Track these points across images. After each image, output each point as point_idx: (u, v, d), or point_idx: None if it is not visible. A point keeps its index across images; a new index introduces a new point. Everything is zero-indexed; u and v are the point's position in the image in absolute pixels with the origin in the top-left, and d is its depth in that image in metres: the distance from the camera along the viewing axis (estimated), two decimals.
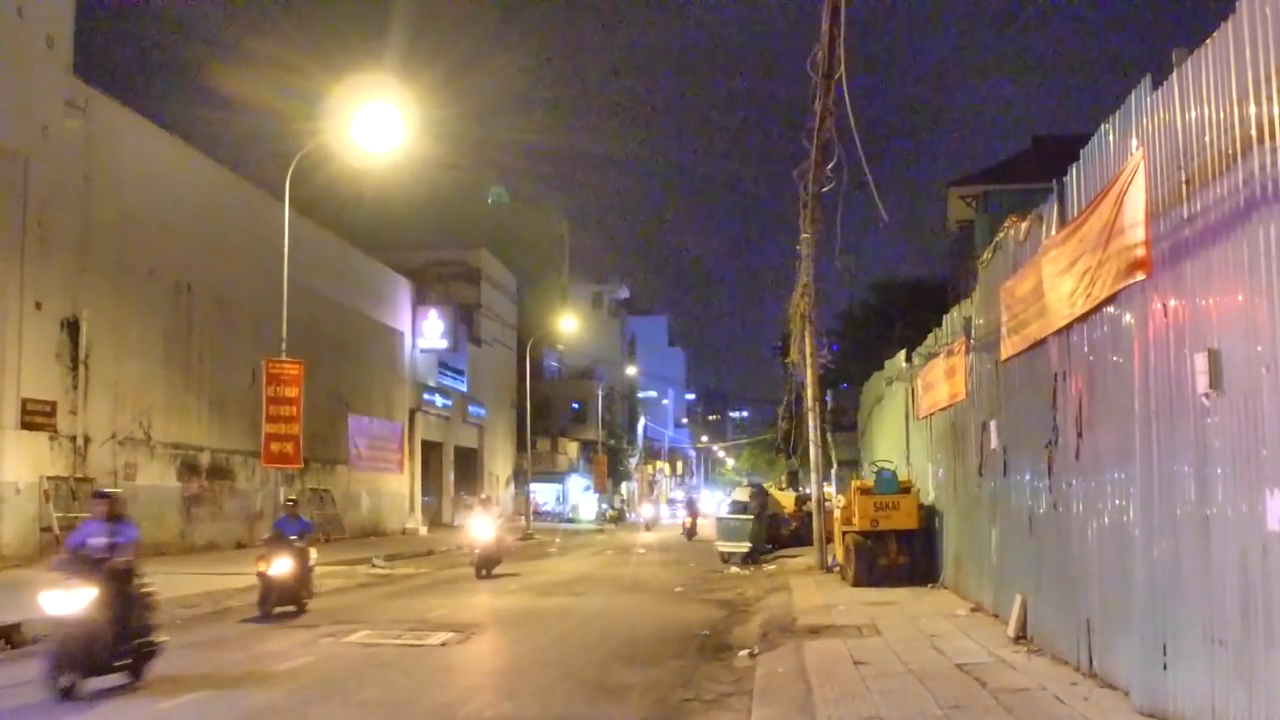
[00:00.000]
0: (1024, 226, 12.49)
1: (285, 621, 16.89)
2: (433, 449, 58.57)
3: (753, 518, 30.87)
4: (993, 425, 14.52)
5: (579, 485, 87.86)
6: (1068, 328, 10.65)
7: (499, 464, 72.24)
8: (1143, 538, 8.72)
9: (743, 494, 34.30)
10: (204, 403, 33.82)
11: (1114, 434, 9.48)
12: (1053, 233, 11.04)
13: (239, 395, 34.23)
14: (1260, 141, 6.70)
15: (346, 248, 48.66)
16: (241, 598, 20.35)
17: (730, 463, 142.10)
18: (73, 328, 27.42)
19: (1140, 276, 8.49)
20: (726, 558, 30.32)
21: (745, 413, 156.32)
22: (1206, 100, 7.47)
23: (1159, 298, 8.30)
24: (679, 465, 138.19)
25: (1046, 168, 11.19)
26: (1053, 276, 10.79)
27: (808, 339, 25.73)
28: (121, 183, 29.41)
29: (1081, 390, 10.38)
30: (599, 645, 14.68)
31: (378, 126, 26.72)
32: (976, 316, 15.81)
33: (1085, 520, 10.36)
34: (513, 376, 70.86)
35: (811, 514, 26.83)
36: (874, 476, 21.76)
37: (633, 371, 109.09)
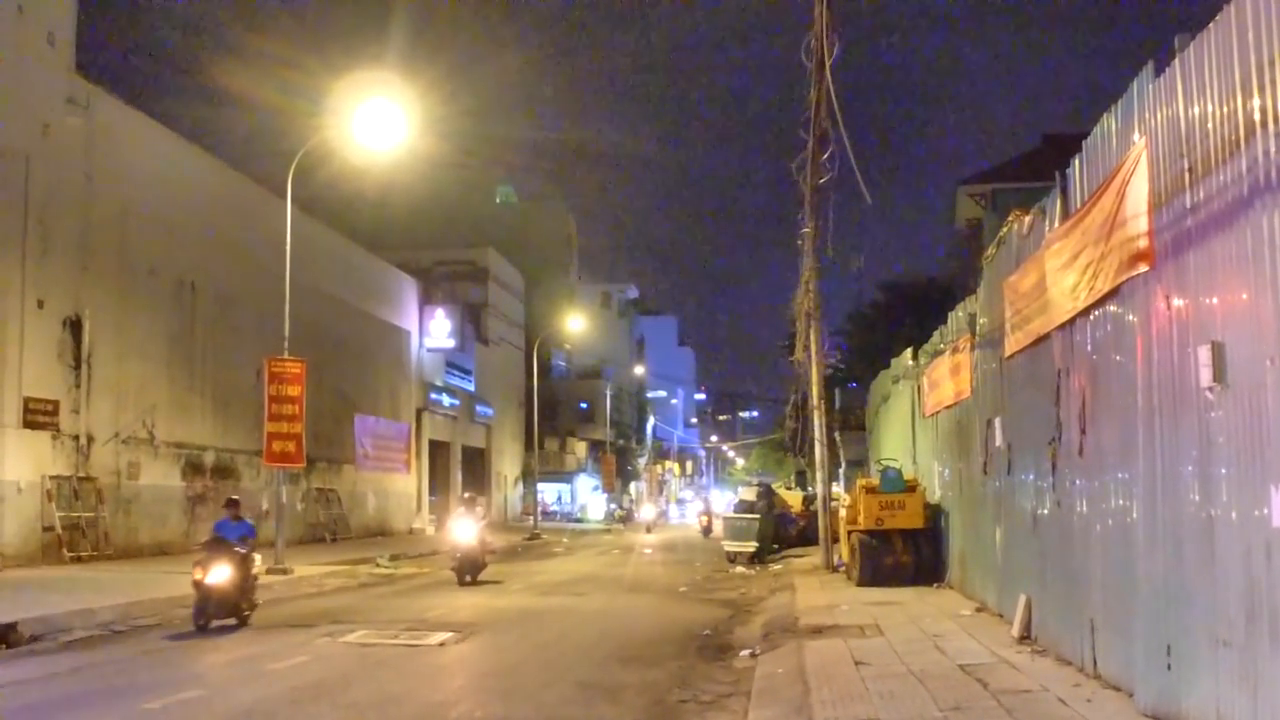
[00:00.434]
0: (1027, 221, 12.32)
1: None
2: (440, 449, 58.45)
3: (759, 517, 30.75)
4: (997, 423, 14.35)
5: (587, 485, 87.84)
6: (1070, 322, 10.47)
7: (507, 464, 72.14)
8: (1146, 537, 8.54)
9: (749, 493, 34.23)
10: (208, 402, 33.72)
11: (1117, 431, 9.30)
12: (1055, 226, 10.86)
13: (243, 394, 34.09)
14: (1264, 126, 6.51)
15: (353, 247, 48.58)
16: None
17: (740, 462, 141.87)
18: (75, 326, 27.31)
19: (1143, 268, 8.30)
20: (733, 557, 30.20)
21: (755, 413, 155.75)
22: (1209, 86, 7.28)
23: (1162, 290, 8.11)
24: (688, 465, 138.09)
25: (1056, 166, 10.99)
26: (1055, 270, 10.61)
27: (813, 337, 25.54)
28: (124, 181, 29.28)
29: (1084, 386, 10.20)
30: (598, 645, 14.52)
31: (380, 123, 26.63)
32: (981, 313, 15.64)
33: (1089, 519, 10.18)
34: (521, 376, 70.75)
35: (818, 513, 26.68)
36: (879, 475, 21.59)
37: (641, 371, 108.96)
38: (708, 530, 50.35)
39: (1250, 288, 6.76)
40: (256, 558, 17.13)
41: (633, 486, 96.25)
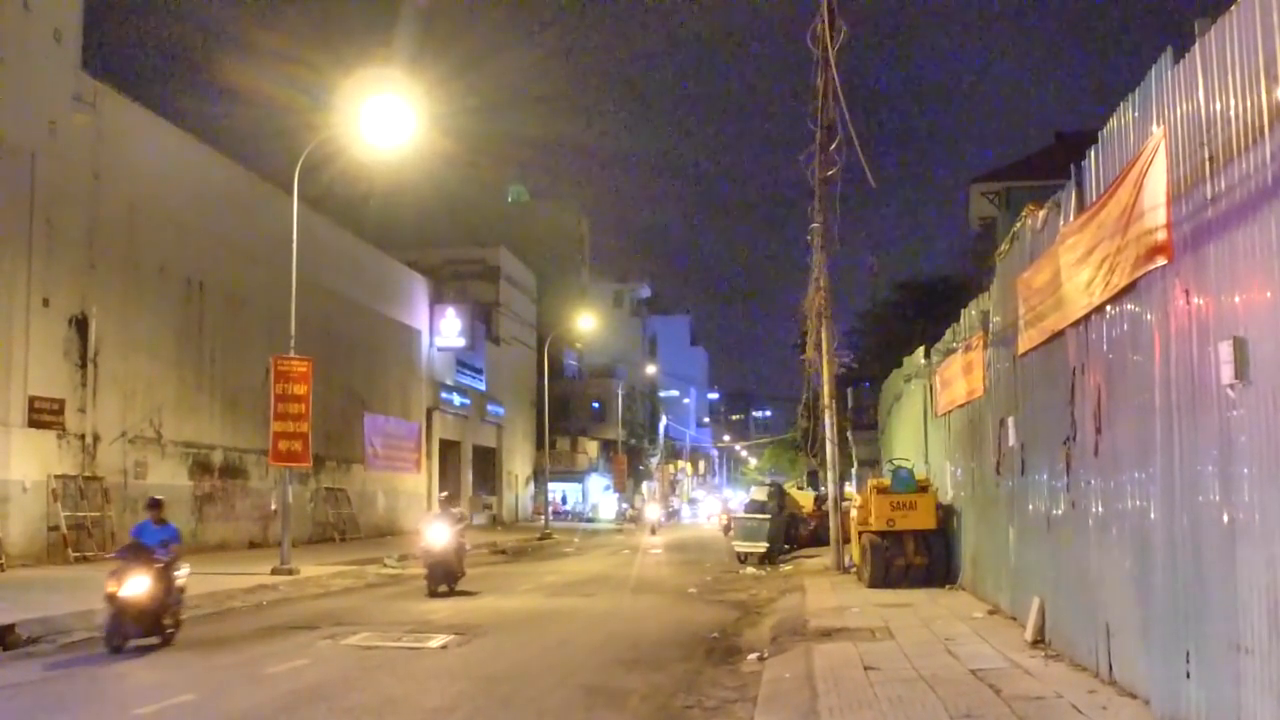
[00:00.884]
0: (1041, 215, 12.06)
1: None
2: (450, 448, 58.33)
3: (770, 517, 30.51)
4: (1010, 422, 14.08)
5: (599, 484, 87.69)
6: (1085, 319, 10.20)
7: (518, 463, 71.99)
8: (1163, 539, 8.27)
9: (761, 493, 33.99)
10: (216, 401, 33.58)
11: (1134, 430, 9.03)
12: (1070, 220, 10.59)
13: (252, 393, 33.91)
14: None
15: (362, 245, 48.42)
16: (245, 598, 20.13)
17: (753, 462, 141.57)
18: (81, 325, 27.20)
19: (1161, 262, 8.03)
20: (743, 558, 29.98)
21: (768, 412, 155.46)
22: (1230, 72, 7.00)
23: (1181, 284, 7.83)
24: (701, 465, 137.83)
25: (1069, 163, 10.74)
26: (1070, 265, 10.35)
27: (824, 335, 25.26)
28: (131, 178, 29.17)
29: (1100, 384, 9.92)
30: (603, 648, 14.28)
31: (389, 120, 26.42)
32: (994, 310, 15.39)
33: (1104, 520, 9.91)
34: (532, 375, 70.59)
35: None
36: (891, 475, 21.33)
37: (653, 370, 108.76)
38: (728, 529, 49.60)
39: (1274, 280, 6.48)
40: (183, 568, 14.84)
41: (645, 486, 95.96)
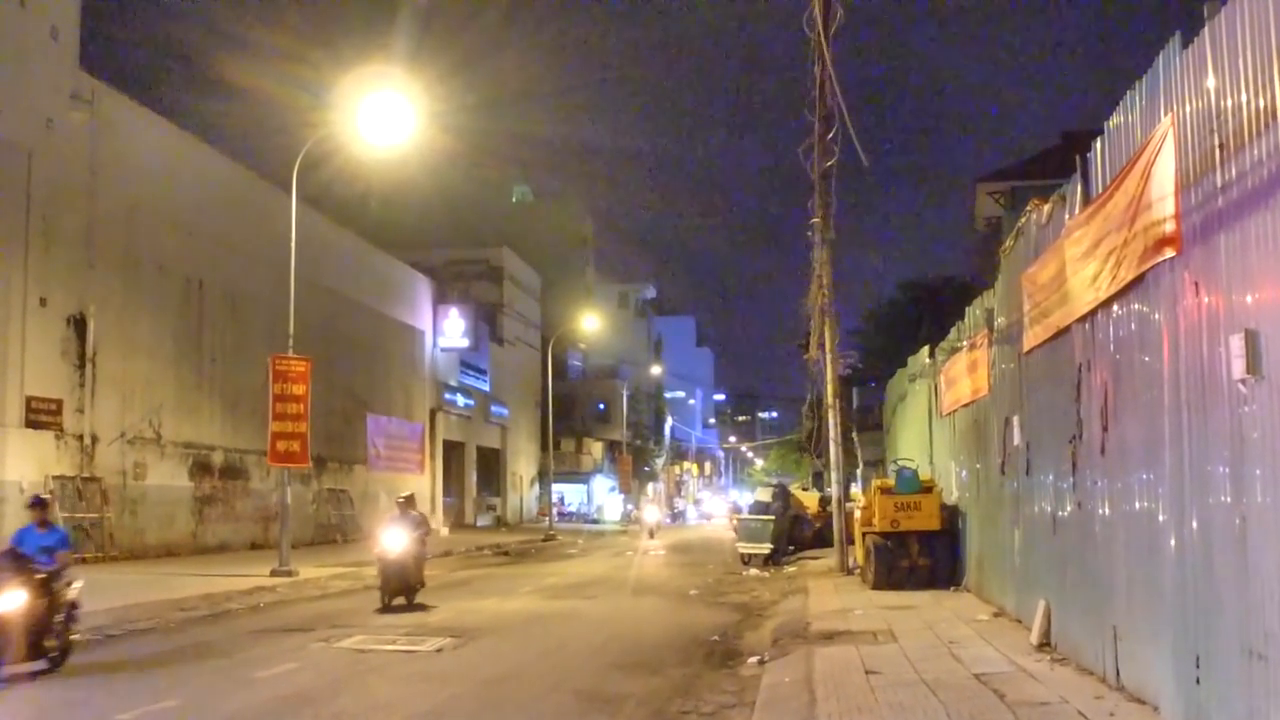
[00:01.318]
0: (1046, 209, 11.80)
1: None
2: (454, 449, 58.15)
3: (774, 518, 30.28)
4: (1015, 421, 13.83)
5: (604, 486, 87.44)
6: (1091, 314, 9.93)
7: (522, 464, 71.81)
8: (1172, 540, 8.00)
9: (765, 494, 33.76)
10: (216, 401, 33.38)
11: (1141, 427, 8.76)
12: (1076, 213, 10.33)
13: (252, 394, 33.66)
14: None
15: (364, 245, 48.22)
16: (241, 600, 19.93)
17: (759, 463, 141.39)
18: (79, 324, 27.03)
19: (1169, 254, 7.77)
20: (747, 559, 29.74)
21: (775, 414, 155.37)
22: (1241, 55, 6.74)
23: (1190, 276, 7.56)
24: (707, 466, 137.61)
25: (1075, 163, 10.50)
26: (1075, 260, 10.09)
27: (827, 333, 24.99)
28: (128, 177, 29.01)
29: (1106, 381, 9.66)
30: (601, 652, 14.06)
31: (389, 117, 26.18)
32: (999, 308, 15.14)
33: (1111, 521, 9.65)
34: (537, 376, 70.33)
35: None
36: (895, 476, 21.09)
37: (659, 371, 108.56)
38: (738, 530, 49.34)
39: None
40: (75, 579, 12.65)
41: (650, 487, 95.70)
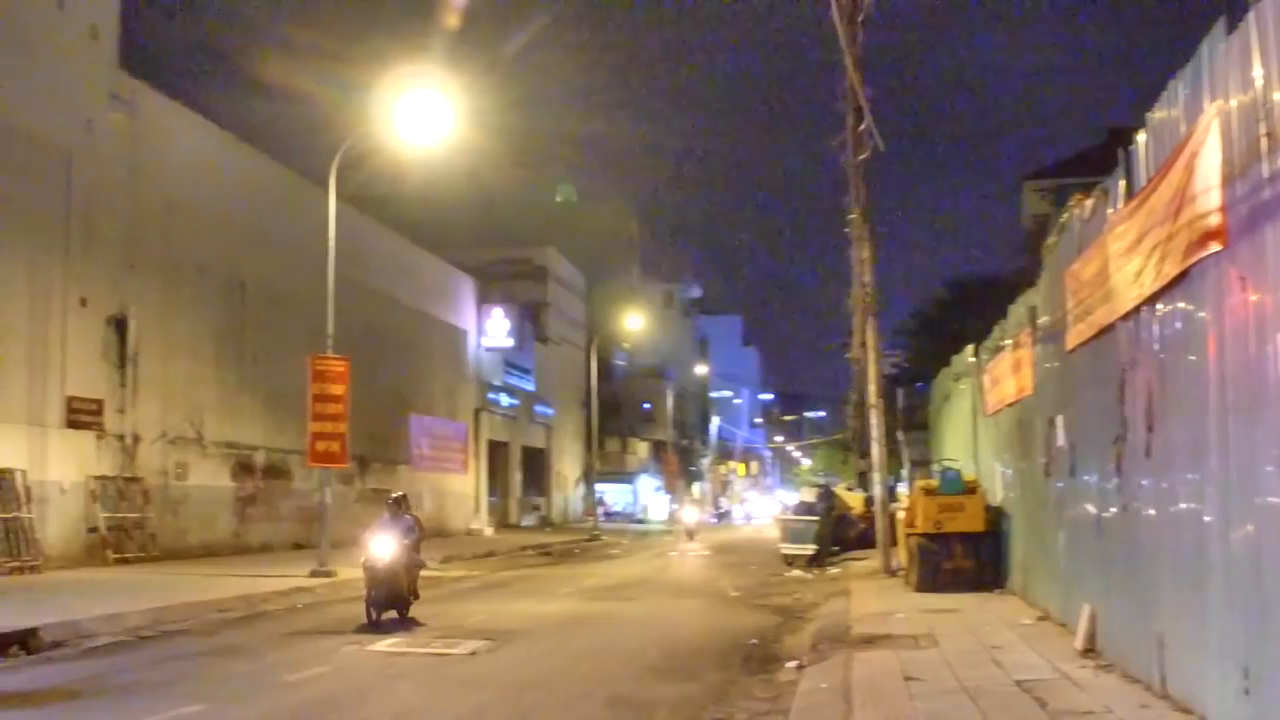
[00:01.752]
0: (1089, 204, 11.50)
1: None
2: (499, 449, 58.18)
3: (818, 519, 30.02)
4: (1059, 421, 13.53)
5: (649, 486, 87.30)
6: (1135, 311, 9.63)
7: (567, 464, 71.79)
8: (1220, 544, 7.70)
9: (809, 494, 33.60)
10: (258, 401, 33.44)
11: (1188, 428, 8.46)
12: (1119, 207, 10.04)
13: (295, 394, 33.46)
14: None
15: (407, 245, 48.26)
16: (279, 601, 19.88)
17: (806, 463, 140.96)
18: (120, 325, 27.10)
19: (1214, 248, 7.48)
20: (790, 560, 29.49)
21: (822, 413, 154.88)
22: None
23: (1236, 271, 7.26)
24: (753, 466, 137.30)
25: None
26: (1119, 255, 9.79)
27: (869, 331, 24.70)
28: (169, 177, 29.08)
29: (1151, 380, 9.36)
30: (637, 656, 13.84)
31: (428, 115, 26.03)
32: (1042, 305, 14.83)
33: (1157, 524, 9.34)
34: (581, 376, 70.27)
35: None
36: (938, 476, 20.78)
37: (704, 371, 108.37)
38: None
39: None
40: None
41: (696, 487, 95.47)
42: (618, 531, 57.50)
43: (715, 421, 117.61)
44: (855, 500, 37.56)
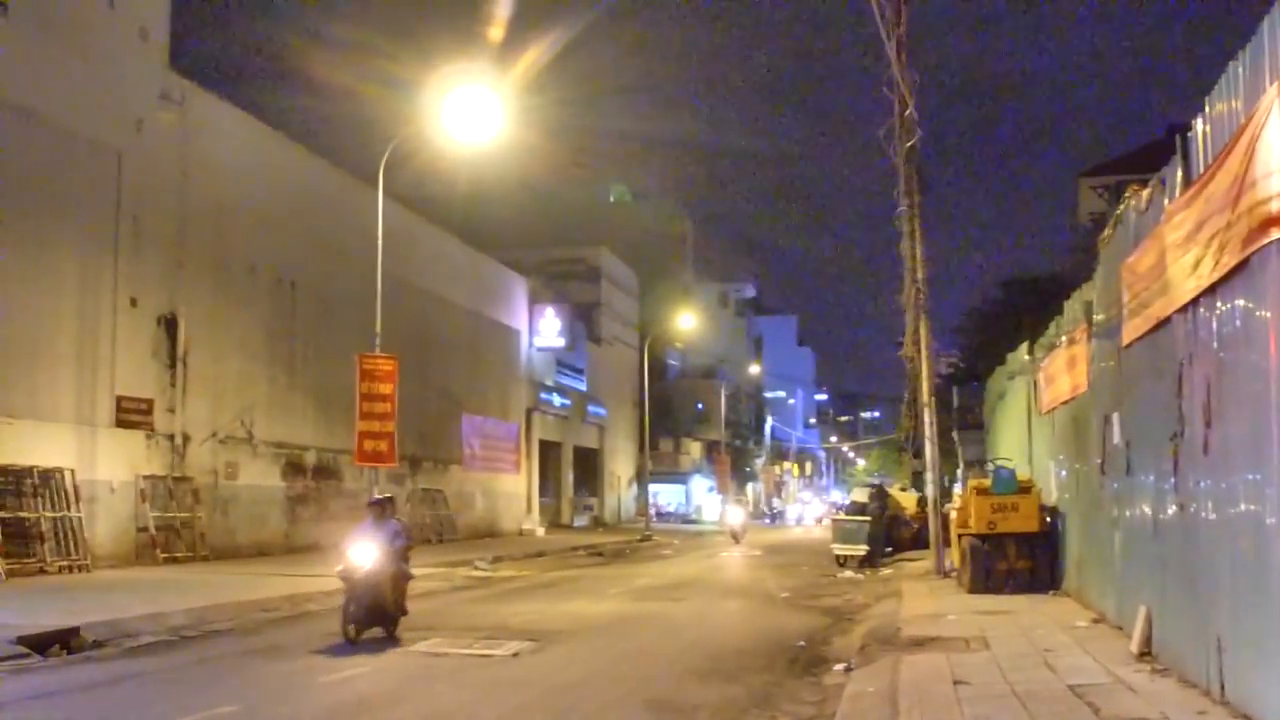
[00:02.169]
0: (1145, 195, 11.15)
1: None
2: (551, 449, 58.08)
3: (870, 519, 29.67)
4: (1115, 418, 13.16)
5: (702, 486, 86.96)
6: (1193, 303, 9.28)
7: (620, 464, 71.62)
8: None
9: (861, 495, 33.18)
10: (309, 401, 33.49)
11: (1247, 425, 8.12)
12: (1176, 196, 9.69)
13: (345, 394, 33.50)
14: None
15: (459, 245, 48.25)
16: (324, 601, 19.73)
17: (861, 463, 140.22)
18: (170, 324, 27.21)
19: (1276, 235, 7.15)
20: (842, 561, 29.14)
21: (877, 413, 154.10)
22: None
23: None
24: (808, 466, 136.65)
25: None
26: (1176, 246, 9.45)
27: (921, 329, 24.35)
28: (218, 177, 29.18)
29: (1209, 374, 9.02)
30: (681, 657, 13.61)
31: (478, 114, 25.91)
32: (1098, 300, 14.44)
33: (1215, 524, 9.00)
34: (634, 376, 70.04)
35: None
36: (991, 476, 20.40)
37: (758, 371, 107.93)
38: None
39: None
40: None
41: (749, 488, 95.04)
42: (670, 532, 57.26)
43: (769, 422, 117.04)
44: (908, 500, 37.16)
